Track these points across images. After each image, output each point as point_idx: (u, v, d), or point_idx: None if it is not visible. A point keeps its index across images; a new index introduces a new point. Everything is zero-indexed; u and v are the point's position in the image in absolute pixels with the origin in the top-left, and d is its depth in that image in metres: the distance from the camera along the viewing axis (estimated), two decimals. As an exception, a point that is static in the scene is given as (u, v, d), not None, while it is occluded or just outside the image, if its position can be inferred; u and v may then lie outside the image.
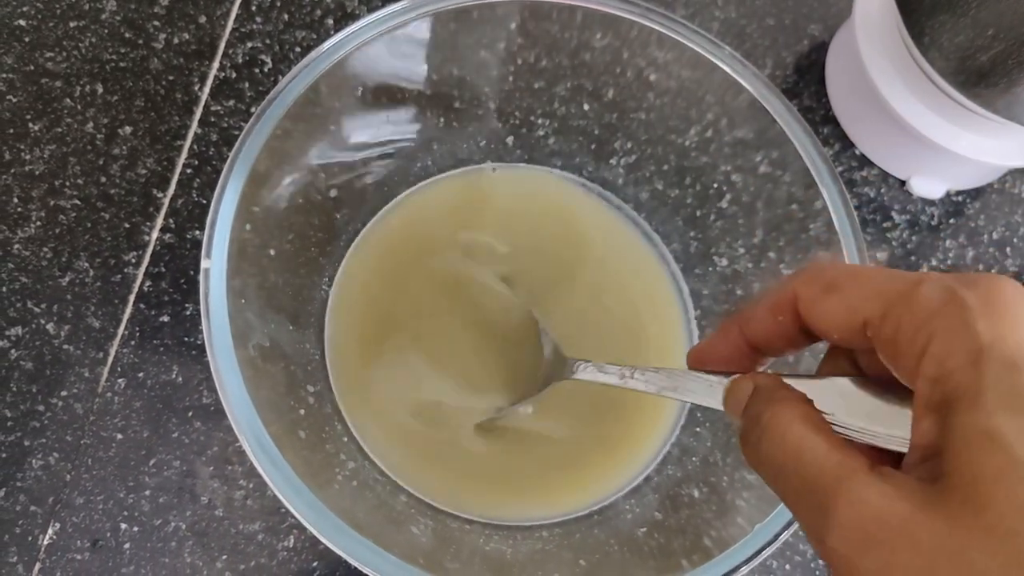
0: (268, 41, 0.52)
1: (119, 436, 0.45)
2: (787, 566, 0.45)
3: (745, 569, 0.32)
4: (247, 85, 0.51)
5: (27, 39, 0.51)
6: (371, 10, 0.39)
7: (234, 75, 0.51)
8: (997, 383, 0.19)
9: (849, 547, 0.20)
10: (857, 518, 0.20)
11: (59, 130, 0.50)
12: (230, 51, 0.52)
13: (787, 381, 0.25)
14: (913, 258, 0.51)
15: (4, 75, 0.51)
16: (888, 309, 0.21)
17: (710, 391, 0.27)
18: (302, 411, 0.38)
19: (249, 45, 0.52)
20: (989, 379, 0.19)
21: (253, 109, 0.44)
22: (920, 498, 0.19)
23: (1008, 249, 0.52)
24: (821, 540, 0.20)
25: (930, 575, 0.18)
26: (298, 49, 0.52)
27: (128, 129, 0.50)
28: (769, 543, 0.33)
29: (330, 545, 0.31)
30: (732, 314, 0.28)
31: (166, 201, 0.49)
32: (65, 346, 0.46)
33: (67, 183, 0.49)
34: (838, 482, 0.20)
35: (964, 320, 0.19)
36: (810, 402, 0.23)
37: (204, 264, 0.34)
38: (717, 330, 0.28)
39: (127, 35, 0.52)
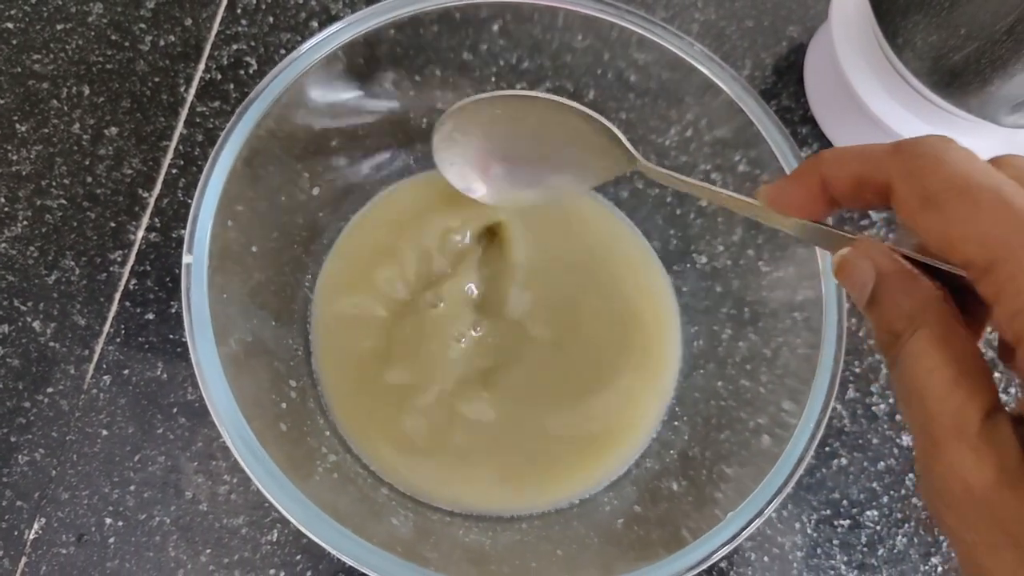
0: (253, 43, 0.53)
1: (104, 432, 0.45)
2: (765, 558, 0.46)
3: (720, 554, 0.33)
4: (232, 87, 0.52)
5: (14, 41, 0.52)
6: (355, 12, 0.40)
7: (219, 77, 0.52)
8: None
9: (936, 500, 0.21)
10: (948, 477, 0.20)
11: (46, 131, 0.50)
12: (216, 53, 0.52)
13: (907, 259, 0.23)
14: (890, 256, 0.52)
15: (-9, 77, 0.51)
16: (992, 264, 0.20)
17: (800, 229, 0.26)
18: (284, 405, 0.38)
19: (234, 47, 0.53)
20: None
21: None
22: (1012, 475, 0.19)
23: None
24: (921, 476, 0.21)
25: (1001, 545, 0.19)
26: (283, 51, 0.52)
27: (114, 130, 0.51)
28: (743, 528, 0.33)
29: (310, 534, 0.32)
30: (810, 160, 0.25)
31: (152, 201, 0.49)
32: (51, 344, 0.47)
33: (53, 183, 0.49)
34: (947, 434, 0.20)
35: None
36: (946, 298, 0.22)
37: (186, 259, 0.34)
38: (794, 174, 0.27)
39: (113, 37, 0.52)
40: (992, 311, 0.20)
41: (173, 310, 0.47)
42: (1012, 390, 0.49)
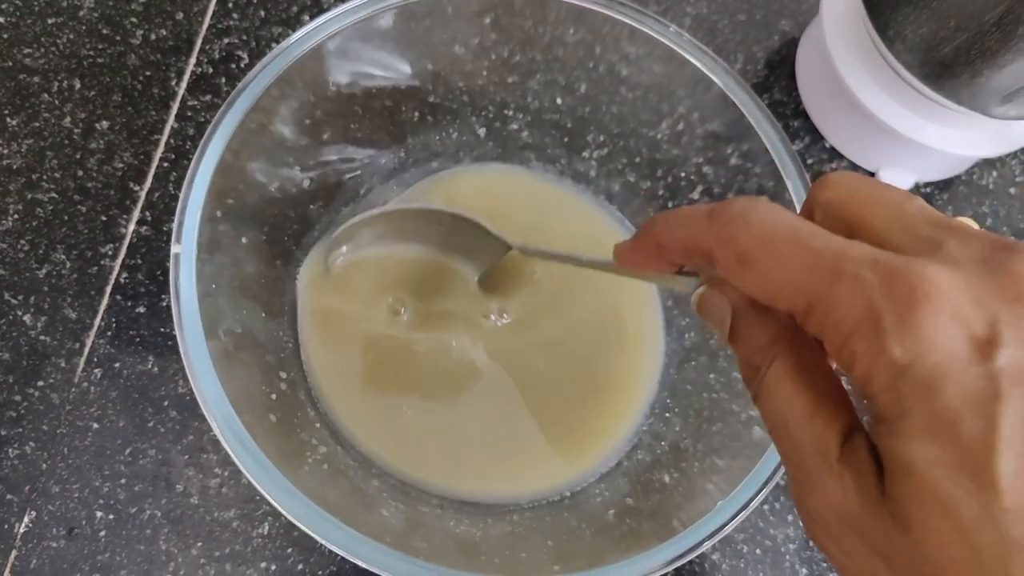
0: (245, 37, 0.53)
1: (95, 425, 0.45)
2: (757, 550, 0.46)
3: (709, 543, 0.33)
4: (224, 80, 0.52)
5: (5, 36, 0.52)
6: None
7: (211, 70, 0.52)
8: (913, 409, 0.18)
9: (815, 529, 0.22)
10: (821, 508, 0.21)
11: (37, 125, 0.50)
12: (207, 47, 0.52)
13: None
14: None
15: (-18, 71, 0.51)
16: (810, 307, 0.20)
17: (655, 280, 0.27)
18: (274, 397, 0.38)
19: (226, 41, 0.52)
20: (906, 404, 0.18)
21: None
22: (871, 497, 0.19)
23: (975, 240, 0.52)
24: (798, 506, 0.22)
25: (877, 566, 0.20)
26: (274, 45, 0.52)
27: (105, 124, 0.50)
28: (732, 517, 0.33)
29: (300, 525, 0.32)
30: (646, 226, 0.26)
31: (143, 194, 0.49)
32: (42, 337, 0.47)
33: (44, 177, 0.49)
34: (812, 464, 0.21)
35: (880, 345, 0.19)
36: (793, 330, 0.23)
37: (174, 249, 0.34)
38: (635, 237, 0.27)
39: (105, 31, 0.52)
40: (824, 346, 0.21)
41: (164, 304, 0.47)
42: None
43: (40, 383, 0.46)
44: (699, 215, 0.23)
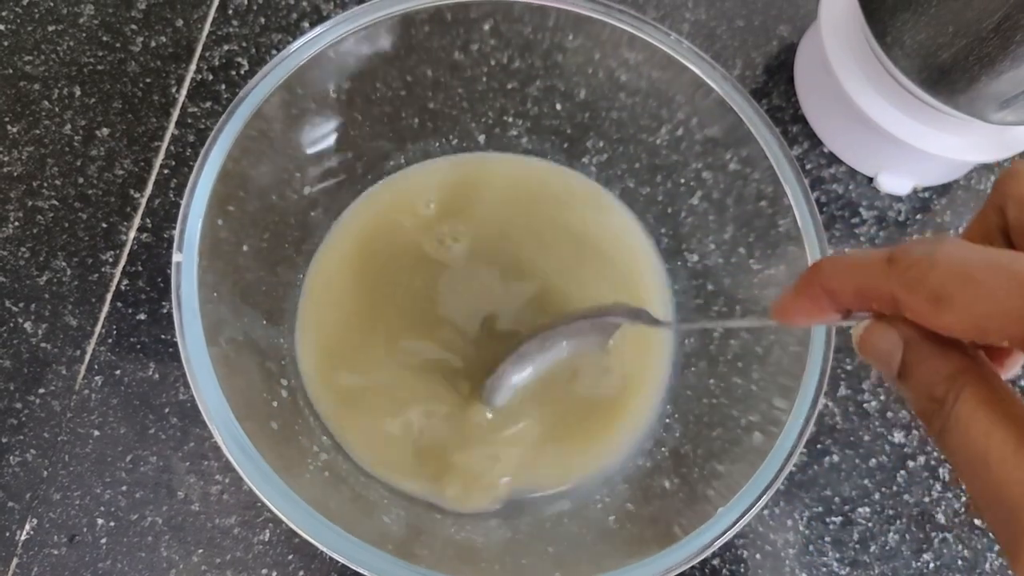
0: (245, 44, 0.53)
1: (96, 433, 0.45)
2: (758, 555, 0.46)
3: (711, 549, 0.33)
4: (224, 87, 0.52)
5: (6, 43, 0.52)
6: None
7: (211, 77, 0.52)
8: None
9: None
10: None
11: (37, 132, 0.50)
12: (207, 54, 0.52)
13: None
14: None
15: (-18, 78, 0.51)
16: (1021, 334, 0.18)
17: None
18: (275, 404, 0.38)
19: (226, 48, 0.53)
20: None
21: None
22: None
23: (974, 245, 0.52)
24: (1012, 557, 0.19)
25: None
26: (274, 52, 0.52)
27: (106, 131, 0.51)
28: (733, 524, 0.33)
29: (302, 532, 0.32)
30: (810, 274, 0.24)
31: (143, 201, 0.49)
32: (43, 344, 0.47)
33: (45, 184, 0.49)
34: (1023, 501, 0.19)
35: None
36: (976, 359, 0.21)
37: (176, 257, 0.34)
38: (796, 288, 0.25)
39: (105, 39, 0.52)
40: None
41: (165, 310, 0.47)
42: None
43: (41, 390, 0.46)
44: (876, 261, 0.22)
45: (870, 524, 0.47)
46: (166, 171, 0.50)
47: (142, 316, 0.47)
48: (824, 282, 0.24)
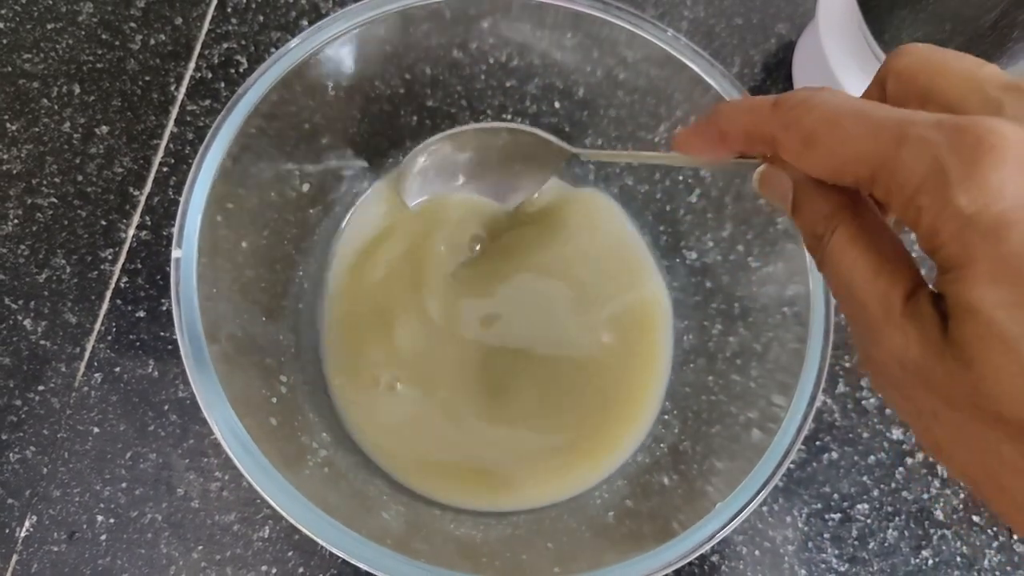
0: (244, 42, 0.53)
1: (95, 430, 0.45)
2: (756, 552, 0.46)
3: (709, 545, 0.33)
4: (223, 85, 0.52)
5: (5, 41, 0.52)
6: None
7: (210, 75, 0.52)
8: (979, 256, 0.19)
9: (880, 380, 0.23)
10: (886, 359, 0.22)
11: (36, 130, 0.50)
12: (206, 52, 0.52)
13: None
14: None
15: (-18, 76, 0.51)
16: (874, 174, 0.21)
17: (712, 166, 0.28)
18: (275, 400, 0.38)
19: (225, 46, 0.53)
20: (973, 252, 0.19)
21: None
22: (934, 343, 0.21)
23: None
24: (863, 362, 0.24)
25: (937, 406, 0.21)
26: (273, 49, 0.52)
27: (105, 128, 0.51)
28: (731, 519, 0.33)
29: (301, 528, 0.32)
30: (710, 115, 0.27)
31: (142, 199, 0.49)
32: (42, 342, 0.47)
33: (44, 182, 0.49)
34: (876, 319, 0.22)
35: (946, 196, 0.19)
36: (854, 199, 0.24)
37: (175, 254, 0.34)
38: (696, 124, 0.28)
39: (104, 37, 0.53)
40: (888, 212, 0.23)
41: (164, 308, 0.47)
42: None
43: (40, 387, 0.46)
44: (763, 104, 0.24)
45: (869, 521, 0.47)
46: (165, 169, 0.50)
47: (141, 313, 0.47)
48: (719, 122, 0.27)
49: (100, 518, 0.44)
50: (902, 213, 0.21)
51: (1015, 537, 0.47)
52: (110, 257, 0.48)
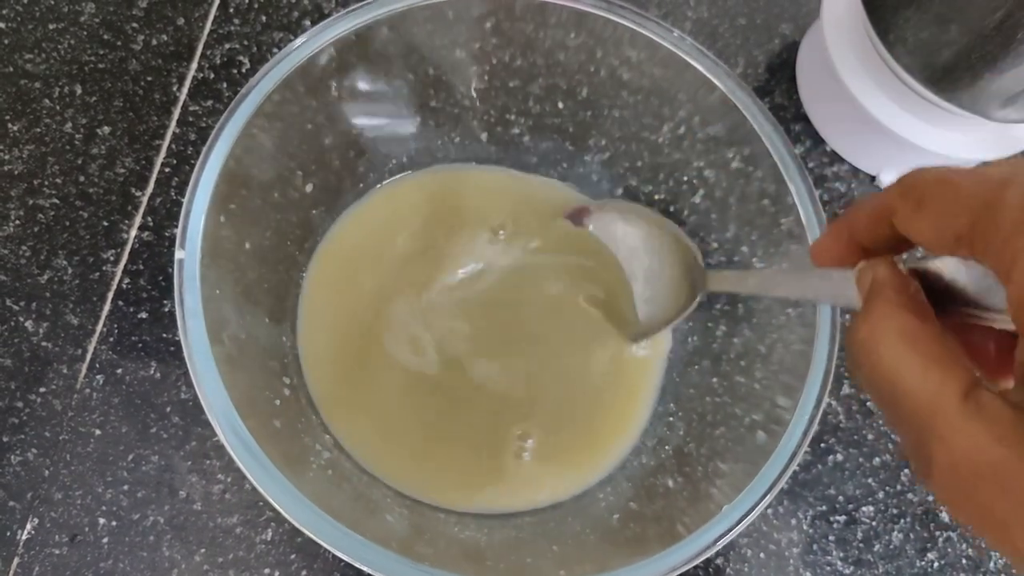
0: (246, 42, 0.53)
1: (97, 432, 0.45)
2: (761, 554, 0.46)
3: (714, 548, 0.33)
4: (225, 85, 0.52)
5: (6, 41, 0.52)
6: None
7: (212, 76, 0.52)
8: None
9: (948, 494, 0.20)
10: (951, 464, 0.19)
11: (38, 130, 0.50)
12: (208, 52, 0.52)
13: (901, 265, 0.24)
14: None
15: (-17, 76, 0.51)
16: (975, 222, 0.20)
17: (844, 283, 0.27)
18: (278, 402, 0.38)
19: (227, 46, 0.52)
20: None
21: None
22: (1014, 437, 0.18)
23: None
24: (925, 480, 0.20)
25: (1020, 514, 0.18)
26: (276, 50, 0.52)
27: (107, 129, 0.50)
28: (737, 523, 0.33)
29: (305, 530, 0.31)
30: (842, 216, 0.27)
31: (144, 200, 0.49)
32: (44, 343, 0.46)
33: (46, 182, 0.49)
34: (932, 418, 0.20)
35: None
36: (915, 294, 0.23)
37: (178, 255, 0.34)
38: (829, 229, 0.28)
39: (106, 37, 0.52)
40: (996, 271, 0.20)
41: (166, 309, 0.47)
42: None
43: (42, 389, 0.46)
44: (888, 188, 0.24)
45: (874, 523, 0.47)
46: (167, 169, 0.50)
47: (143, 315, 0.47)
48: (850, 213, 0.26)
49: (102, 521, 0.44)
50: (997, 257, 0.19)
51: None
52: (112, 258, 0.48)
